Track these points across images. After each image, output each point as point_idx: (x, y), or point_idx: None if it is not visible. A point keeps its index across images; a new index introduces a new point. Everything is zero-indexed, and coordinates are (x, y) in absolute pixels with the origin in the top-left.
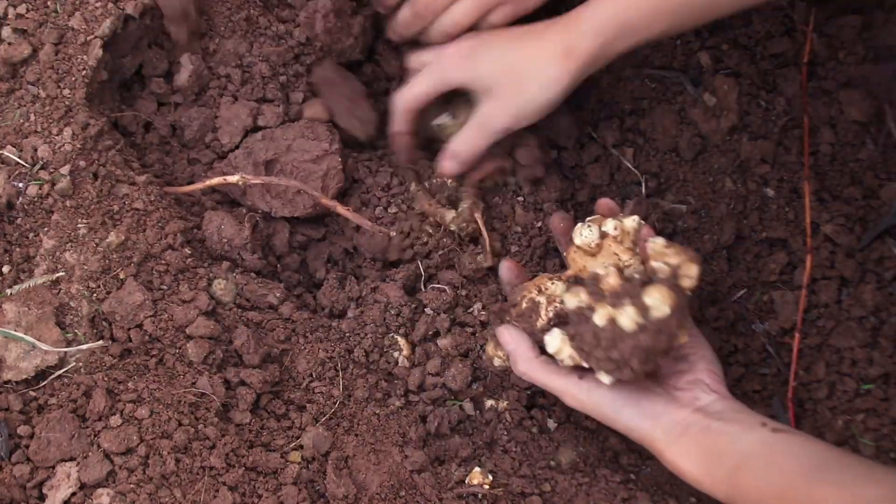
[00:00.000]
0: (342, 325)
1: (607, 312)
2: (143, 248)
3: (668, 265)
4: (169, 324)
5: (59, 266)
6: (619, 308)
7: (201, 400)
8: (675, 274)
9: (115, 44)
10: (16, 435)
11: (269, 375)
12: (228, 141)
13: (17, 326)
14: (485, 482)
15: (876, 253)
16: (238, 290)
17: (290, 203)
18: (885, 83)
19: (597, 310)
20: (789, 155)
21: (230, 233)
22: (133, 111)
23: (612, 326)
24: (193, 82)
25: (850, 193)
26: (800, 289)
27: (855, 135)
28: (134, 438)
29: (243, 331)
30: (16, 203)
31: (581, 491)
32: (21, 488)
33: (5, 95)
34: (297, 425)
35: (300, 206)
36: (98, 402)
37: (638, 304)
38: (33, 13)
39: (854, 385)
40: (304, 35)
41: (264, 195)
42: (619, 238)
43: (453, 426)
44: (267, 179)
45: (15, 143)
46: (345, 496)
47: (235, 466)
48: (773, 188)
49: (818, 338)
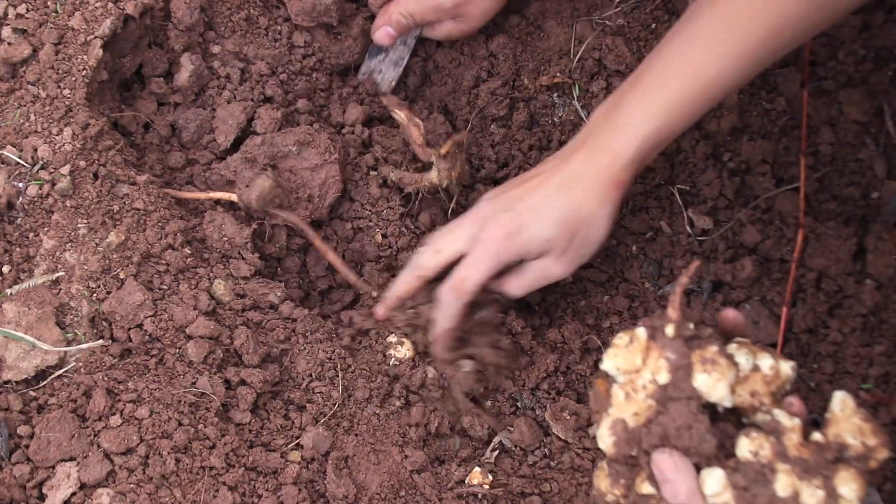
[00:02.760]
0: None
1: (792, 483)
2: (143, 248)
3: (865, 445)
4: (169, 324)
5: (59, 266)
6: (806, 483)
7: (201, 400)
8: (867, 456)
9: (115, 44)
10: (16, 435)
11: (269, 375)
12: (224, 140)
13: (17, 326)
14: (485, 482)
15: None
16: (238, 289)
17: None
18: (885, 83)
19: (778, 473)
20: (789, 155)
21: (231, 231)
22: (133, 111)
23: (794, 502)
24: (193, 82)
25: (849, 193)
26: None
27: (855, 135)
28: (134, 438)
29: (243, 331)
30: (16, 203)
31: (581, 491)
32: (21, 488)
33: (5, 95)
34: (297, 425)
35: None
36: (98, 402)
37: (828, 487)
38: (33, 13)
39: (854, 385)
40: (301, 39)
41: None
42: (769, 379)
43: (453, 426)
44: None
45: (15, 143)
46: (345, 496)
47: (235, 466)
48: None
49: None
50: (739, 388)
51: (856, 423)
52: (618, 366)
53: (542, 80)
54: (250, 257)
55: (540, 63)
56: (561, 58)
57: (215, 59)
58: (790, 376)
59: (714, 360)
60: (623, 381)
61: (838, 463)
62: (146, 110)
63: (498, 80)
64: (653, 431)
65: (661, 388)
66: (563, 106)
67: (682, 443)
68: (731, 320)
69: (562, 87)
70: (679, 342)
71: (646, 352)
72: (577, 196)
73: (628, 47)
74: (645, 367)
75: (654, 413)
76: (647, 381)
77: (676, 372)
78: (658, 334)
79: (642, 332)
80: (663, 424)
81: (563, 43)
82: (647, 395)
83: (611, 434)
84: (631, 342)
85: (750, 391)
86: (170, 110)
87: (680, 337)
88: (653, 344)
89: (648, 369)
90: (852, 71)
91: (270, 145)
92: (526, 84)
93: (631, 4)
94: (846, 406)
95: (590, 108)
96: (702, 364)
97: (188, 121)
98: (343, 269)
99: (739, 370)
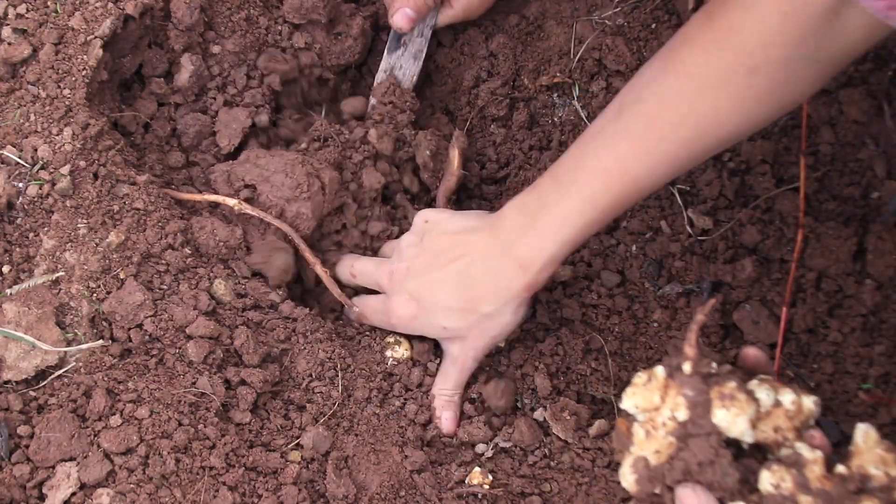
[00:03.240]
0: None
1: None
2: (144, 247)
3: (888, 475)
4: (169, 324)
5: (59, 266)
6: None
7: (201, 400)
8: (890, 486)
9: (115, 44)
10: (16, 435)
11: (269, 375)
12: (227, 143)
13: (17, 326)
14: (485, 482)
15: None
16: (240, 288)
17: (269, 235)
18: (885, 83)
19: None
20: (789, 155)
21: (224, 234)
22: (133, 111)
23: None
24: (193, 83)
25: (849, 193)
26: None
27: (855, 135)
28: (134, 438)
29: (243, 331)
30: (16, 203)
31: (581, 491)
32: (21, 488)
33: (5, 95)
34: (297, 425)
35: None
36: (98, 402)
37: None
38: (33, 13)
39: (854, 385)
40: (302, 40)
41: (245, 228)
42: (792, 414)
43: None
44: (258, 213)
45: (15, 143)
46: (345, 496)
47: (235, 466)
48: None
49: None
50: (762, 424)
51: (879, 453)
52: (636, 404)
53: (542, 80)
54: (248, 257)
55: (540, 63)
56: (561, 58)
57: (215, 59)
58: (813, 411)
59: (732, 396)
60: (643, 419)
61: (861, 494)
62: (146, 110)
63: (498, 80)
64: (675, 468)
65: (681, 424)
66: (563, 106)
67: (704, 478)
68: (752, 358)
69: (562, 87)
70: (697, 379)
71: (664, 389)
72: (481, 292)
73: (628, 47)
74: (664, 405)
75: (676, 450)
76: (666, 418)
77: (695, 408)
78: (676, 372)
79: (660, 370)
80: (685, 460)
81: (563, 43)
82: (667, 432)
83: (633, 472)
84: (649, 380)
85: (773, 427)
86: (170, 110)
87: (698, 374)
88: (671, 382)
89: (667, 407)
90: (852, 71)
91: (255, 165)
92: (526, 84)
93: (631, 4)
94: (869, 437)
95: (590, 108)
96: (720, 400)
97: (187, 126)
98: (329, 284)
99: (760, 406)
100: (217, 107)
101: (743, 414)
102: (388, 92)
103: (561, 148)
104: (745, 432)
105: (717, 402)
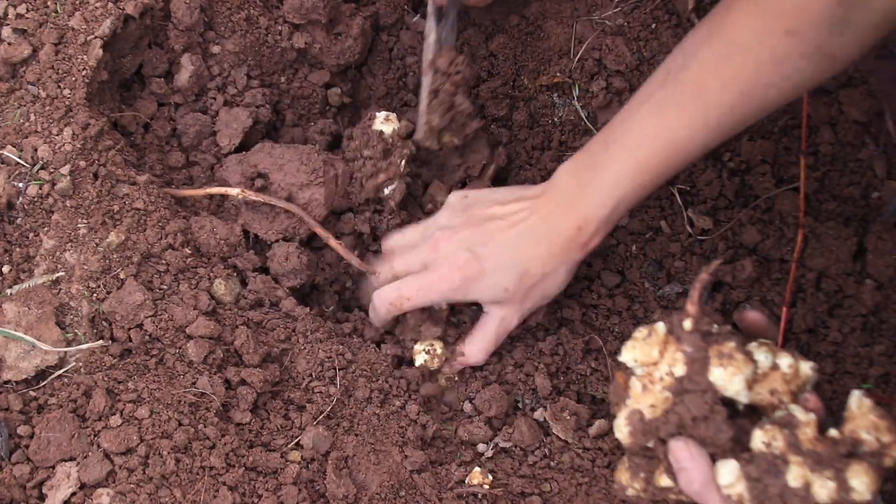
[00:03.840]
0: (344, 326)
1: (803, 475)
2: (144, 247)
3: (879, 441)
4: (169, 324)
5: (59, 266)
6: (818, 474)
7: (201, 400)
8: (881, 452)
9: (115, 44)
10: (16, 435)
11: (269, 375)
12: (228, 143)
13: (17, 326)
14: (485, 482)
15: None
16: (239, 288)
17: (279, 224)
18: (886, 83)
19: (790, 465)
20: (789, 155)
21: (223, 233)
22: (133, 111)
23: (805, 493)
24: (193, 83)
25: (849, 193)
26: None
27: (855, 135)
28: (134, 438)
29: (243, 330)
30: (16, 203)
31: (581, 491)
32: (21, 488)
33: (5, 95)
34: (297, 425)
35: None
36: (98, 402)
37: (840, 479)
38: (33, 13)
39: (854, 385)
40: (302, 40)
41: (254, 216)
42: (788, 378)
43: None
44: (264, 198)
45: (15, 143)
46: (345, 496)
47: (235, 466)
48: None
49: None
50: (758, 386)
51: (871, 419)
52: (635, 357)
53: (542, 80)
54: (247, 255)
55: (540, 63)
56: (561, 58)
57: (215, 59)
58: (810, 376)
59: (730, 355)
60: (641, 373)
61: (852, 458)
62: (146, 110)
63: (498, 79)
64: (670, 421)
65: (678, 380)
66: (563, 106)
67: (698, 433)
68: (752, 320)
69: (562, 87)
70: (696, 336)
71: (663, 345)
72: (541, 253)
73: (628, 47)
74: (662, 360)
75: (671, 405)
76: (664, 373)
77: (693, 365)
78: (676, 328)
79: (661, 325)
80: (680, 414)
81: (563, 43)
82: (663, 387)
83: (627, 424)
84: (649, 335)
85: (769, 389)
86: (170, 111)
87: (697, 331)
88: (671, 337)
89: (665, 362)
90: (852, 71)
91: (268, 155)
92: (526, 84)
93: (631, 4)
94: (863, 404)
95: (590, 108)
96: (718, 358)
97: (187, 126)
98: (345, 253)
99: (758, 367)
100: (217, 107)
101: (739, 373)
102: (453, 62)
103: (561, 148)
104: (740, 392)
105: (715, 361)
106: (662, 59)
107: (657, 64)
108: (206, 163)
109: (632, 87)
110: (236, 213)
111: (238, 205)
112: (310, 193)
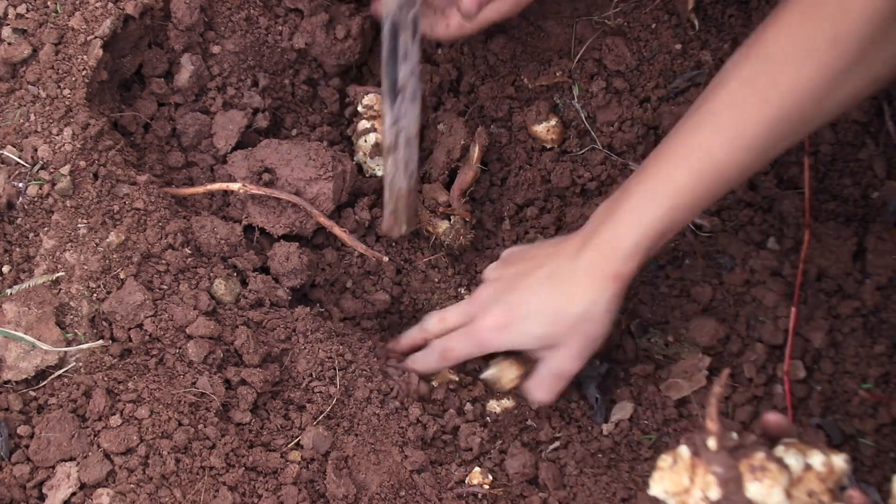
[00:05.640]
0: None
1: None
2: (144, 247)
3: None
4: (169, 324)
5: (59, 266)
6: None
7: (201, 400)
8: None
9: (115, 44)
10: (16, 435)
11: (269, 375)
12: (224, 144)
13: (17, 326)
14: (485, 482)
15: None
16: (239, 288)
17: (285, 218)
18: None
19: None
20: (789, 155)
21: (224, 233)
22: (133, 111)
23: None
24: (193, 83)
25: (849, 193)
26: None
27: (855, 135)
28: (134, 438)
29: (243, 330)
30: (16, 203)
31: (581, 491)
32: (21, 488)
33: (5, 95)
34: (297, 425)
35: (295, 222)
36: (98, 402)
37: None
38: (33, 13)
39: (854, 385)
40: (302, 40)
41: (260, 210)
42: (824, 476)
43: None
44: (267, 190)
45: (15, 143)
46: (345, 496)
47: (235, 466)
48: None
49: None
50: (795, 490)
51: None
52: (666, 489)
53: (542, 80)
54: (248, 254)
55: (540, 63)
56: (561, 58)
57: (215, 59)
58: (844, 469)
59: (763, 467)
60: (674, 503)
61: None
62: (146, 110)
63: (498, 80)
64: None
65: (715, 503)
66: (563, 106)
67: None
68: (774, 424)
69: (562, 87)
70: (724, 454)
71: (692, 469)
72: (570, 291)
73: (628, 47)
74: (694, 486)
75: None
76: (698, 499)
77: (727, 485)
78: (701, 449)
79: (685, 449)
80: None
81: (563, 43)
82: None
83: None
84: (675, 462)
85: (807, 491)
86: (170, 111)
87: (724, 449)
88: (697, 460)
89: (697, 486)
90: None
91: (275, 150)
92: (526, 84)
93: (631, 4)
94: None
95: (590, 108)
96: (751, 472)
97: (187, 126)
98: (351, 241)
99: (791, 472)
100: (217, 107)
101: (777, 484)
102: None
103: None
104: (781, 503)
105: (749, 476)
106: (662, 58)
107: (657, 64)
108: (205, 163)
109: (632, 87)
110: (242, 208)
111: (244, 200)
112: (318, 188)
